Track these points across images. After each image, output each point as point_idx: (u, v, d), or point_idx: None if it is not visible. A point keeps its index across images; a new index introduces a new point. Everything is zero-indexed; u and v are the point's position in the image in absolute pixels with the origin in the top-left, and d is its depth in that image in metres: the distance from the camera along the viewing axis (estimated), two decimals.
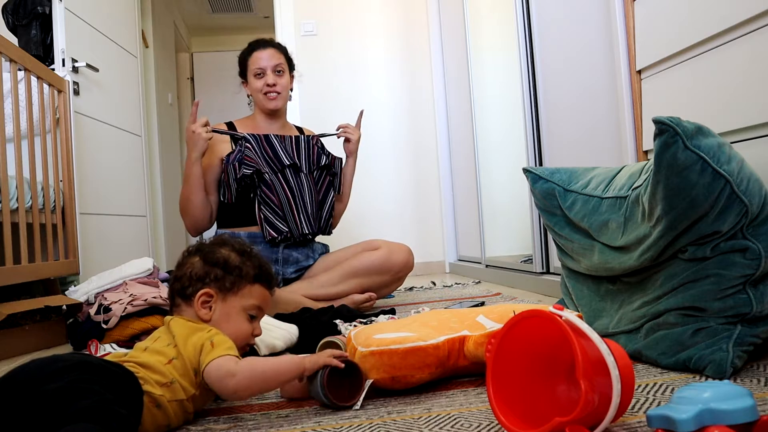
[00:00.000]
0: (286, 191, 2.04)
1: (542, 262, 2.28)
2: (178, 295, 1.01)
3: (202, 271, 1.00)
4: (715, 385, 0.65)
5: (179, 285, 1.00)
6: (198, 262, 1.01)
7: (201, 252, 1.03)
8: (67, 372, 0.75)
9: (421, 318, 1.18)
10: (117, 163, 3.27)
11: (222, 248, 1.04)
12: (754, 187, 0.95)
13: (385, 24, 3.85)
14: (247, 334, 1.02)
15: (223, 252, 1.03)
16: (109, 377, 0.79)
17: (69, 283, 2.27)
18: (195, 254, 1.03)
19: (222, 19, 6.11)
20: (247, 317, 1.02)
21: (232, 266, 1.01)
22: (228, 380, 0.88)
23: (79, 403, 0.71)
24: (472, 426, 0.82)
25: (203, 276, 1.00)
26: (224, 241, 1.06)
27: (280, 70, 2.13)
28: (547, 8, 2.20)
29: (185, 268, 1.01)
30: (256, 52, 2.14)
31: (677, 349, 0.99)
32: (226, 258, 1.02)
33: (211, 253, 1.02)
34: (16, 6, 2.69)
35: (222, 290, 1.00)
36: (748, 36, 1.23)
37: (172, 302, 1.03)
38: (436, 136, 3.80)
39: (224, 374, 0.88)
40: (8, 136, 2.01)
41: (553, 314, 0.72)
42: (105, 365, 0.81)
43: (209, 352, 0.90)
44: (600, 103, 1.85)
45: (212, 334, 0.93)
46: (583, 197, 1.26)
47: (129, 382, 0.82)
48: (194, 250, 1.04)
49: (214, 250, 1.03)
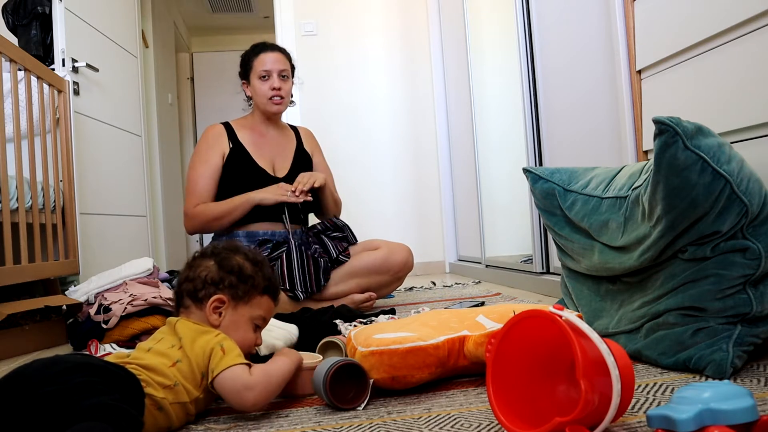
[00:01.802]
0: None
1: (542, 262, 2.28)
2: (188, 296, 1.00)
3: (217, 276, 1.00)
4: (715, 385, 0.65)
5: (191, 286, 1.00)
6: (213, 267, 1.01)
7: (216, 256, 1.03)
8: (70, 373, 0.75)
9: (421, 318, 1.18)
10: (117, 163, 3.27)
11: (237, 255, 1.04)
12: (754, 187, 0.95)
13: (385, 24, 3.85)
14: (251, 344, 1.03)
15: (238, 260, 1.03)
16: (111, 378, 0.79)
17: (69, 283, 2.27)
18: (210, 257, 1.03)
19: (222, 19, 6.11)
20: (253, 327, 1.03)
21: (246, 275, 1.01)
22: (247, 394, 0.89)
23: (88, 401, 0.71)
24: (472, 426, 0.82)
25: (218, 281, 0.99)
26: (238, 248, 1.06)
27: (285, 75, 2.13)
28: (547, 8, 2.20)
29: (199, 270, 1.01)
30: (263, 54, 2.12)
31: (677, 349, 0.99)
32: (241, 266, 1.02)
33: (227, 259, 1.02)
34: (16, 6, 2.69)
35: (234, 298, 1.00)
36: (748, 36, 1.23)
37: (179, 302, 1.02)
38: (436, 136, 3.80)
39: (241, 387, 0.89)
40: (8, 136, 2.01)
41: (553, 314, 0.72)
42: (106, 366, 0.81)
43: (221, 359, 0.90)
44: (600, 103, 1.85)
45: (221, 339, 0.93)
46: (583, 197, 1.26)
47: (130, 384, 0.82)
48: (209, 253, 1.04)
49: (230, 256, 1.03)
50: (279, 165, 2.16)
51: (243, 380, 0.89)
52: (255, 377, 0.90)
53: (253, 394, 0.89)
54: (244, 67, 2.17)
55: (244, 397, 0.89)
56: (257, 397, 0.90)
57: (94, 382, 0.75)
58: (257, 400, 0.90)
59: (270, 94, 2.10)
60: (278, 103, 2.11)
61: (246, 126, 2.19)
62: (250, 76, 2.14)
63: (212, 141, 2.11)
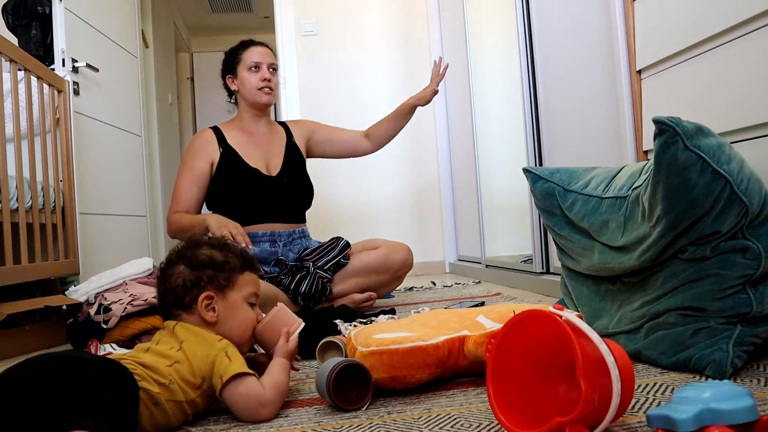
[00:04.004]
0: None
1: (542, 262, 2.28)
2: (175, 306, 0.99)
3: (193, 276, 0.99)
4: (715, 385, 0.65)
5: (173, 297, 0.99)
6: (185, 270, 1.00)
7: (183, 258, 1.01)
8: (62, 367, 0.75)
9: (421, 318, 1.18)
10: (117, 163, 3.27)
11: (201, 249, 1.03)
12: (754, 187, 0.95)
13: (386, 24, 3.85)
14: (253, 322, 1.04)
15: (204, 252, 1.02)
16: (103, 372, 0.78)
17: (69, 283, 2.27)
18: (178, 263, 1.01)
19: (222, 19, 6.11)
20: (249, 305, 1.03)
21: (219, 263, 1.01)
22: (262, 411, 0.91)
23: (84, 400, 0.71)
24: (472, 426, 0.82)
25: (196, 281, 0.99)
26: (198, 242, 1.05)
27: (274, 69, 2.16)
28: (547, 8, 2.20)
29: (173, 279, 1.00)
30: (253, 48, 2.16)
31: (677, 349, 0.99)
32: (210, 256, 1.01)
33: (194, 257, 1.01)
34: (16, 6, 2.69)
35: (219, 289, 1.00)
36: (749, 36, 1.23)
37: (168, 314, 1.01)
38: (437, 136, 3.80)
39: (257, 404, 0.91)
40: (8, 136, 2.01)
41: (553, 314, 0.72)
42: (98, 360, 0.81)
43: (228, 365, 0.91)
44: (600, 103, 1.85)
45: (224, 345, 0.94)
46: (583, 197, 1.26)
47: (123, 378, 0.81)
48: (175, 259, 1.02)
49: (196, 253, 1.02)
50: (271, 163, 2.16)
51: (258, 396, 0.91)
52: (269, 394, 0.93)
53: (267, 411, 0.92)
54: (230, 61, 2.19)
55: (259, 414, 0.91)
56: (270, 414, 0.92)
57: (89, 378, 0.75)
58: (269, 416, 0.92)
59: (260, 84, 2.11)
60: (268, 93, 2.13)
61: (234, 127, 2.20)
62: (238, 69, 2.15)
63: (198, 149, 2.12)
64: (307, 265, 2.01)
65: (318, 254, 2.06)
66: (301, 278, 1.97)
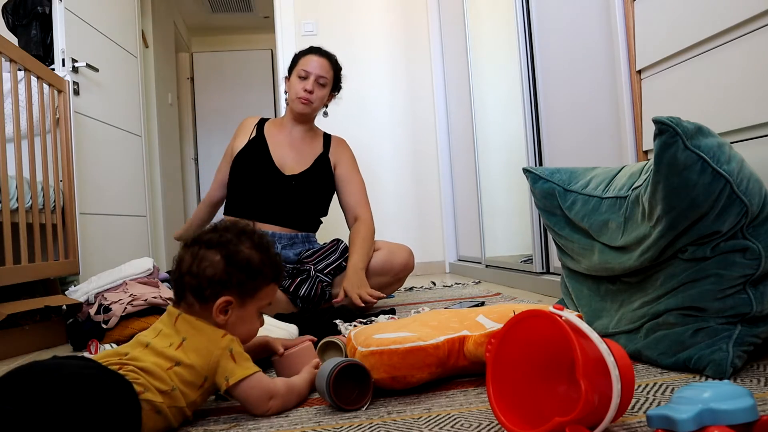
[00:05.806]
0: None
1: (542, 262, 2.28)
2: (192, 293, 0.94)
3: (225, 275, 0.93)
4: (715, 385, 0.65)
5: (195, 282, 0.93)
6: (220, 263, 0.94)
7: (223, 248, 0.95)
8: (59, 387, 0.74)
9: (421, 318, 1.18)
10: (117, 163, 3.27)
11: (244, 244, 0.97)
12: (754, 187, 0.95)
13: (386, 24, 3.85)
14: (256, 331, 1.04)
15: (246, 251, 0.96)
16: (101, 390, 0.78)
17: (69, 283, 2.27)
18: (215, 249, 0.95)
19: (222, 19, 6.11)
20: (259, 315, 1.02)
21: (254, 270, 0.96)
22: (271, 402, 0.93)
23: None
24: (472, 426, 0.82)
25: (225, 281, 0.93)
26: (245, 232, 0.99)
27: (324, 83, 2.15)
28: (547, 8, 2.20)
29: (204, 265, 0.93)
30: (310, 55, 2.16)
31: (677, 349, 0.99)
32: (249, 258, 0.96)
33: (234, 253, 0.95)
34: (16, 6, 2.69)
35: (242, 296, 0.96)
36: (748, 36, 1.23)
37: (181, 296, 0.95)
38: (437, 136, 3.80)
39: (266, 395, 0.93)
40: (8, 136, 2.01)
41: (553, 314, 0.72)
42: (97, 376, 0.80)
43: (234, 369, 0.91)
44: (600, 103, 1.85)
45: (228, 342, 0.93)
46: (583, 197, 1.26)
47: (124, 393, 0.81)
48: (215, 243, 0.96)
49: (238, 249, 0.96)
50: (294, 165, 2.16)
51: (268, 388, 0.93)
52: (279, 387, 0.95)
53: (277, 403, 0.94)
54: (292, 62, 2.22)
55: (269, 405, 0.93)
56: (279, 406, 0.94)
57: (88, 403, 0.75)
58: (278, 409, 0.94)
59: (301, 93, 2.11)
60: (304, 103, 2.12)
61: (276, 123, 2.26)
62: (293, 72, 2.17)
63: (238, 130, 2.26)
64: (308, 268, 2.01)
65: (319, 257, 2.06)
66: (301, 281, 1.97)
